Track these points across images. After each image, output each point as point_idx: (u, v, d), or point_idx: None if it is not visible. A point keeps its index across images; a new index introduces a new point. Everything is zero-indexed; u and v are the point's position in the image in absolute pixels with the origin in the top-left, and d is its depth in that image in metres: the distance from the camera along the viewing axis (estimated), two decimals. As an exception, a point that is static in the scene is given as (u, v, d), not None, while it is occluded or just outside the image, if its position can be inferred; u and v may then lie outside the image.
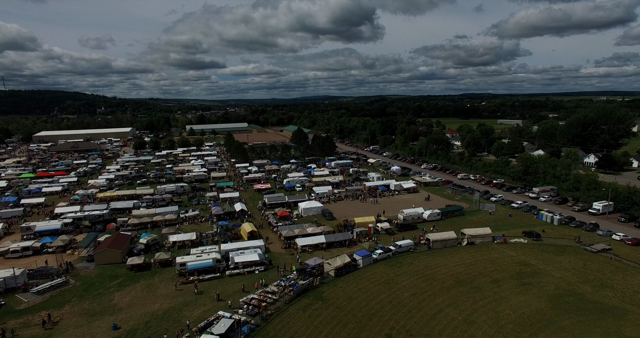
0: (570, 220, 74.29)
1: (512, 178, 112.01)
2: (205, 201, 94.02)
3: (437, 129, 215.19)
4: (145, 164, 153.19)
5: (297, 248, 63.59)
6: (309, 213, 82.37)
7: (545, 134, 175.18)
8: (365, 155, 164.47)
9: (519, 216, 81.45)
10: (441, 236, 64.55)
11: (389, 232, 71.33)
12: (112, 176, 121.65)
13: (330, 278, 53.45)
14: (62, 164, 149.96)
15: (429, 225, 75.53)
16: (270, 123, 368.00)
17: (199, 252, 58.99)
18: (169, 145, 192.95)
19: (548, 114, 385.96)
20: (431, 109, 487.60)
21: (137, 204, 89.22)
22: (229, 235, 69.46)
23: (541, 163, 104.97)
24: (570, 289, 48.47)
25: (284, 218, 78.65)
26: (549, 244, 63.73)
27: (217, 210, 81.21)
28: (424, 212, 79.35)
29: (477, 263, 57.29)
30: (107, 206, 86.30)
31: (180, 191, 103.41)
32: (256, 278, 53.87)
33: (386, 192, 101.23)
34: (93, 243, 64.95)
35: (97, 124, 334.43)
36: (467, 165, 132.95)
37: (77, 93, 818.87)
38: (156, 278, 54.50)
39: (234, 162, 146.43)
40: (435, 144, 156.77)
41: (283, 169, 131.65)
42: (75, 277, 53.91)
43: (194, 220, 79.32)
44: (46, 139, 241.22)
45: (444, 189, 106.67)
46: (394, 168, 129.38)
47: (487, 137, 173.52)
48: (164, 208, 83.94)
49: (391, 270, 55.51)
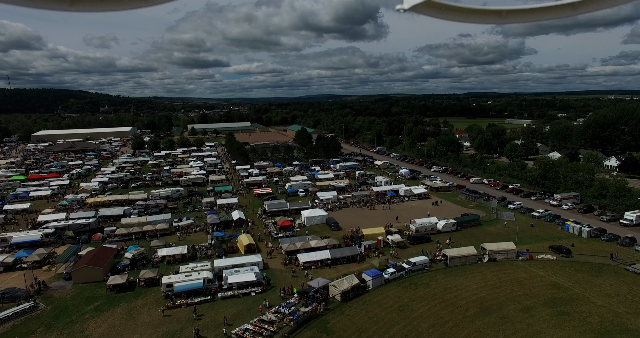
0: (601, 232, 67.00)
1: (530, 182, 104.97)
2: (202, 208, 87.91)
3: (446, 129, 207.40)
4: (142, 165, 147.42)
5: (299, 264, 57.19)
6: (313, 223, 75.88)
7: (560, 135, 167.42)
8: (372, 157, 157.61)
9: (542, 226, 74.52)
10: (460, 252, 57.83)
11: (400, 245, 64.71)
12: (106, 179, 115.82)
13: (336, 303, 46.94)
14: (57, 165, 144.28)
15: (444, 236, 68.90)
16: (273, 122, 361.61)
17: (188, 270, 52.66)
18: (169, 145, 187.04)
19: (557, 113, 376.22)
20: (437, 108, 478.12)
21: (127, 211, 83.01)
22: (224, 248, 63.19)
23: (562, 167, 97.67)
24: (619, 323, 41.10)
25: (285, 228, 72.18)
26: (581, 262, 56.63)
27: (212, 219, 74.92)
28: (438, 222, 72.66)
29: (502, 285, 50.57)
30: (96, 213, 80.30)
31: (176, 196, 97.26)
32: (252, 302, 47.60)
33: (395, 198, 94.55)
34: (74, 258, 58.72)
35: (98, 123, 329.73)
36: (479, 168, 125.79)
37: (81, 91, 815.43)
38: (139, 300, 48.24)
39: (234, 164, 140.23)
40: (445, 145, 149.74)
41: (285, 171, 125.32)
42: (46, 300, 47.52)
43: (187, 230, 73.08)
44: (45, 139, 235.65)
45: (456, 194, 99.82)
46: (402, 171, 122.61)
47: (498, 138, 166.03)
48: (156, 216, 77.75)
49: (405, 293, 48.94)
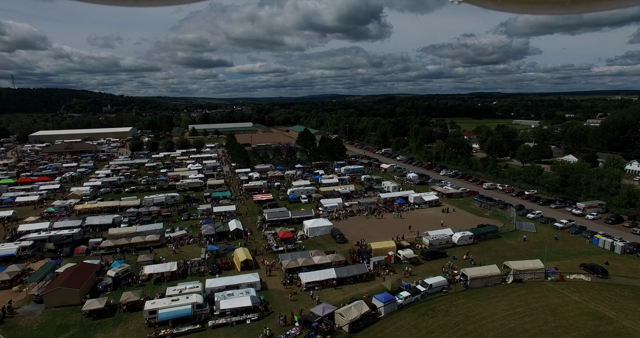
0: (638, 248, 60.37)
1: (547, 189, 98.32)
2: (197, 216, 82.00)
3: (454, 131, 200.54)
4: (139, 168, 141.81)
5: (301, 284, 51.09)
6: (316, 234, 69.72)
7: (573, 137, 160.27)
8: (377, 159, 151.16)
9: (567, 239, 68.01)
10: (481, 272, 51.48)
11: (413, 262, 58.46)
12: (99, 183, 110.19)
13: (343, 334, 40.81)
14: (51, 167, 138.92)
15: (461, 251, 62.62)
16: (276, 123, 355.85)
17: (176, 293, 46.61)
18: (167, 147, 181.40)
19: (565, 114, 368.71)
20: (441, 109, 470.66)
21: (117, 220, 77.17)
22: (218, 265, 57.18)
23: (583, 173, 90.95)
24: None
25: (286, 240, 66.06)
26: (622, 285, 50.08)
27: (207, 229, 68.89)
28: (454, 234, 66.31)
29: (533, 313, 44.19)
30: (82, 222, 74.46)
31: (171, 202, 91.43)
32: (247, 331, 41.62)
33: (405, 205, 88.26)
34: (50, 275, 52.75)
35: (99, 123, 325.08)
36: (491, 172, 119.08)
37: (85, 91, 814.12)
38: (118, 329, 42.26)
39: (234, 166, 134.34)
40: (455, 147, 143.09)
41: (287, 175, 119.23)
42: (9, 330, 41.41)
43: (179, 241, 67.09)
44: (42, 139, 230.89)
45: (469, 201, 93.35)
46: (411, 175, 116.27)
47: (509, 140, 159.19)
48: (147, 226, 71.73)
49: (422, 323, 42.68)
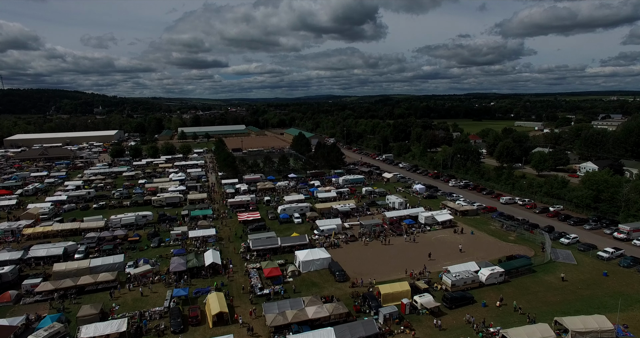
0: None
1: (576, 204, 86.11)
2: (170, 240, 69.02)
3: (459, 135, 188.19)
4: (116, 177, 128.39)
5: (290, 352, 38.31)
6: (311, 268, 56.92)
7: (590, 142, 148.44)
8: (379, 167, 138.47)
9: (619, 275, 55.54)
10: (527, 334, 38.81)
11: (434, 311, 45.78)
12: (64, 197, 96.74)
13: None
14: (17, 177, 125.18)
15: (491, 293, 50.03)
16: (270, 125, 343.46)
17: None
18: (152, 152, 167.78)
19: (565, 115, 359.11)
20: (440, 110, 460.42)
21: (71, 249, 63.84)
22: (184, 317, 44.22)
23: (622, 187, 78.69)
24: None
25: (274, 279, 53.21)
26: None
27: (177, 264, 55.87)
28: (480, 270, 53.71)
29: None
30: (24, 253, 61.07)
31: (142, 222, 78.50)
32: None
33: (414, 226, 75.65)
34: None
35: (85, 126, 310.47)
36: (506, 183, 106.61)
37: (77, 92, 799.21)
38: None
39: (220, 176, 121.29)
40: (463, 154, 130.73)
41: (279, 187, 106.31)
42: None
43: (142, 280, 54.06)
44: (19, 144, 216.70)
45: (488, 220, 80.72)
46: (417, 187, 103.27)
47: (520, 145, 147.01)
48: (104, 259, 58.29)
49: None
